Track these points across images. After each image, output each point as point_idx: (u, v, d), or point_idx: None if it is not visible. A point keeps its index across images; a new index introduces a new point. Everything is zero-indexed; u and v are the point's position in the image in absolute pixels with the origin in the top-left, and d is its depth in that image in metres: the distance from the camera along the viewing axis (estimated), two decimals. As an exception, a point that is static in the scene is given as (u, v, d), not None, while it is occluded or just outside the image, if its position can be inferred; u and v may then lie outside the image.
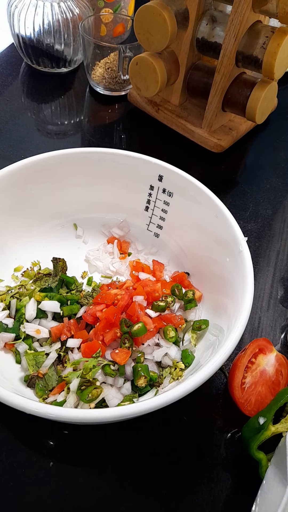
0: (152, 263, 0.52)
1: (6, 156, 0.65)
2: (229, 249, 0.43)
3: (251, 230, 0.60)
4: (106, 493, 0.37)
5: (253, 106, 0.61)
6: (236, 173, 0.69)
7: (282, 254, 0.58)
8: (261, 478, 0.37)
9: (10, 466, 0.38)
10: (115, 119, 0.75)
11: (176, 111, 0.70)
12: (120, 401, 0.39)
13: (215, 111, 0.65)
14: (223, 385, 0.44)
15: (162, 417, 0.41)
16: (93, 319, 0.43)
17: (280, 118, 0.78)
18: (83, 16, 0.74)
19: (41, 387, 0.40)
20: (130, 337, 0.41)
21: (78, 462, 0.39)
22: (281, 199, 0.65)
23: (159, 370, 0.42)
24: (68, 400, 0.37)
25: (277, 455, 0.33)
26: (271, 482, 0.32)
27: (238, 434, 0.41)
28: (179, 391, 0.32)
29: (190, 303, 0.46)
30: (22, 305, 0.44)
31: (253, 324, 0.50)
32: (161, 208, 0.52)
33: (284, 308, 0.52)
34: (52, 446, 0.39)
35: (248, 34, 0.57)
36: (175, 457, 0.39)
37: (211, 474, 0.39)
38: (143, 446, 0.40)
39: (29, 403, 0.30)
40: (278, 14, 0.52)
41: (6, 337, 0.42)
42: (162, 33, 0.59)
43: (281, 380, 0.42)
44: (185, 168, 0.49)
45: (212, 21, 0.61)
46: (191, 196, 0.48)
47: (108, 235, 0.55)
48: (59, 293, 0.46)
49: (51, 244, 0.52)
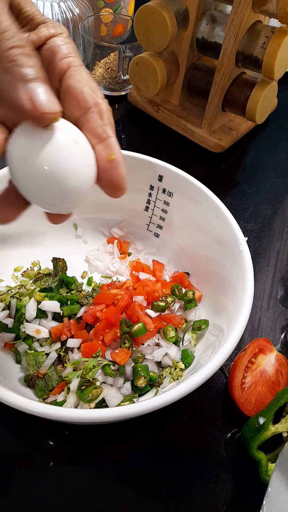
0: (152, 263, 0.52)
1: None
2: (229, 249, 0.43)
3: (251, 230, 0.60)
4: (106, 493, 0.37)
5: (253, 106, 0.61)
6: (236, 173, 0.69)
7: (282, 254, 0.58)
8: (261, 478, 0.37)
9: (10, 466, 0.38)
10: (115, 119, 0.74)
11: (176, 111, 0.70)
12: (120, 401, 0.39)
13: (215, 111, 0.65)
14: (223, 385, 0.44)
15: (162, 417, 0.41)
16: (93, 319, 0.43)
17: (280, 118, 0.78)
18: (83, 16, 0.74)
19: (41, 387, 0.40)
20: (130, 337, 0.41)
21: (78, 462, 0.39)
22: (281, 199, 0.65)
23: (159, 370, 0.42)
24: (68, 400, 0.37)
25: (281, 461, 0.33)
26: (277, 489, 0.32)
27: (238, 434, 0.41)
28: (179, 391, 0.32)
29: (190, 303, 0.46)
30: (22, 305, 0.44)
31: (253, 324, 0.50)
32: (161, 208, 0.52)
33: (284, 308, 0.52)
34: (52, 446, 0.39)
35: (248, 34, 0.57)
36: (175, 457, 0.39)
37: (211, 474, 0.39)
38: (143, 446, 0.40)
39: (29, 403, 0.30)
40: (278, 14, 0.52)
41: (6, 337, 0.42)
42: (162, 33, 0.59)
43: (281, 380, 0.42)
44: (185, 168, 0.49)
45: (212, 21, 0.61)
46: (191, 196, 0.48)
47: (108, 235, 0.55)
48: (59, 293, 0.46)
49: (51, 244, 0.52)
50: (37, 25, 0.28)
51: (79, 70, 0.27)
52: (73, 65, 0.27)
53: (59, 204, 0.27)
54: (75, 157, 0.26)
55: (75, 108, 0.27)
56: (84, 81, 0.27)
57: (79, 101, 0.27)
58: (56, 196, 0.27)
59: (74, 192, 0.27)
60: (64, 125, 0.26)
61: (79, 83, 0.27)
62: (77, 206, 0.29)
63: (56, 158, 0.25)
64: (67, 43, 0.28)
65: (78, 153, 0.26)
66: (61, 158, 0.26)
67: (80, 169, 0.26)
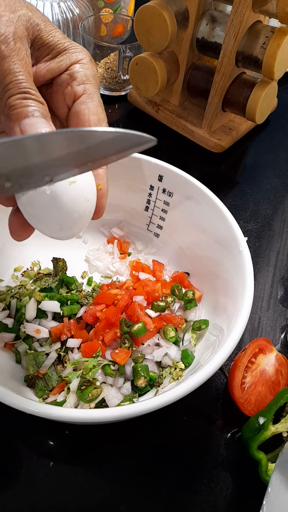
0: (152, 263, 0.52)
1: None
2: (229, 249, 0.43)
3: (251, 230, 0.60)
4: (106, 493, 0.37)
5: (253, 106, 0.61)
6: (236, 173, 0.69)
7: (282, 254, 0.58)
8: (261, 478, 0.37)
9: (10, 466, 0.38)
10: (115, 119, 0.75)
11: (176, 111, 0.70)
12: (120, 401, 0.39)
13: (215, 111, 0.65)
14: (223, 385, 0.44)
15: (162, 417, 0.41)
16: (93, 319, 0.43)
17: (280, 118, 0.78)
18: (83, 16, 0.74)
19: (41, 387, 0.40)
20: (130, 337, 0.41)
21: (78, 462, 0.39)
22: (281, 199, 0.65)
23: (159, 370, 0.42)
24: (68, 400, 0.37)
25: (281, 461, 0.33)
26: (277, 489, 0.32)
27: (238, 434, 0.41)
28: (179, 391, 0.32)
29: (190, 303, 0.46)
30: (22, 305, 0.44)
31: (253, 324, 0.50)
32: (161, 208, 0.52)
33: (284, 308, 0.52)
34: (52, 446, 0.39)
35: (248, 34, 0.57)
36: (175, 457, 0.39)
37: (211, 474, 0.39)
38: (143, 446, 0.40)
39: (29, 403, 0.30)
40: (278, 14, 0.52)
41: (6, 337, 0.42)
42: (162, 33, 0.59)
43: (281, 380, 0.42)
44: (185, 168, 0.49)
45: (212, 21, 0.61)
46: (191, 196, 0.48)
47: (108, 235, 0.55)
48: (59, 293, 0.46)
49: (51, 244, 0.51)
50: (58, 53, 0.31)
51: (92, 98, 0.31)
52: (88, 92, 0.31)
53: (61, 233, 0.30)
54: (76, 195, 0.29)
55: None
56: (93, 110, 0.30)
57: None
58: (59, 228, 0.30)
59: (77, 221, 0.30)
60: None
61: (89, 111, 0.30)
62: (78, 233, 0.32)
63: (60, 199, 0.28)
64: (86, 70, 0.31)
65: (79, 191, 0.29)
66: (64, 198, 0.28)
67: (79, 207, 0.29)
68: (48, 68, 0.30)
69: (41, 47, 0.30)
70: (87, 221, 0.31)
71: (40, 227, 0.30)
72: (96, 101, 0.31)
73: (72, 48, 0.31)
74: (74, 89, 0.30)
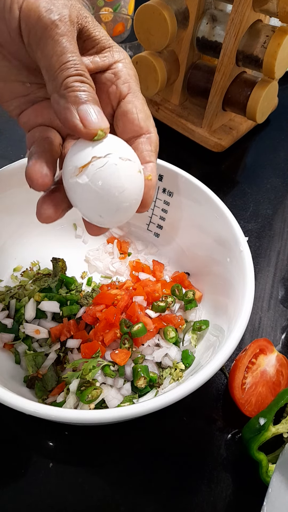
0: (152, 263, 0.51)
1: (6, 156, 0.65)
2: (230, 249, 0.43)
3: (252, 230, 0.60)
4: (106, 493, 0.37)
5: (254, 105, 0.61)
6: (236, 172, 0.69)
7: (282, 254, 0.58)
8: (261, 479, 0.37)
9: (10, 467, 0.38)
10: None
11: (176, 111, 0.70)
12: (120, 402, 0.39)
13: (215, 111, 0.65)
14: (223, 385, 0.44)
15: (162, 417, 0.41)
16: (92, 319, 0.43)
17: (280, 118, 0.78)
18: (83, 15, 0.74)
19: (40, 388, 0.39)
20: (130, 338, 0.41)
21: (78, 462, 0.39)
22: (281, 199, 0.65)
23: (159, 370, 0.42)
24: (68, 401, 0.37)
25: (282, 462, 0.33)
26: (278, 490, 0.32)
27: (239, 435, 0.41)
28: (179, 392, 0.32)
29: (190, 304, 0.46)
30: (21, 305, 0.44)
31: (253, 325, 0.50)
32: (161, 208, 0.52)
33: (284, 308, 0.52)
34: (52, 447, 0.39)
35: (248, 33, 0.57)
36: (175, 458, 0.39)
37: (211, 474, 0.39)
38: (143, 446, 0.40)
39: (29, 404, 0.30)
40: (279, 13, 0.52)
41: (5, 337, 0.42)
42: (162, 32, 0.59)
43: (281, 380, 0.42)
44: (185, 167, 0.49)
45: (213, 20, 0.61)
46: (191, 196, 0.48)
47: (108, 235, 0.55)
48: (58, 293, 0.46)
49: (51, 244, 0.52)
50: (103, 48, 0.31)
51: (137, 96, 0.32)
52: (133, 91, 0.32)
53: (108, 218, 0.30)
54: (134, 180, 0.29)
55: (129, 130, 0.32)
56: (140, 108, 0.32)
57: (134, 126, 0.31)
58: (108, 212, 0.29)
59: (126, 209, 0.30)
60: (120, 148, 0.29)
61: (136, 109, 0.32)
62: (125, 221, 0.32)
63: (118, 180, 0.28)
64: (129, 69, 0.32)
65: (135, 178, 0.29)
66: (126, 181, 0.28)
67: (134, 190, 0.29)
68: (93, 61, 0.31)
69: (87, 39, 0.30)
70: (134, 211, 0.31)
71: (87, 213, 0.30)
72: (141, 98, 0.32)
73: (115, 47, 0.32)
74: (119, 88, 0.31)
